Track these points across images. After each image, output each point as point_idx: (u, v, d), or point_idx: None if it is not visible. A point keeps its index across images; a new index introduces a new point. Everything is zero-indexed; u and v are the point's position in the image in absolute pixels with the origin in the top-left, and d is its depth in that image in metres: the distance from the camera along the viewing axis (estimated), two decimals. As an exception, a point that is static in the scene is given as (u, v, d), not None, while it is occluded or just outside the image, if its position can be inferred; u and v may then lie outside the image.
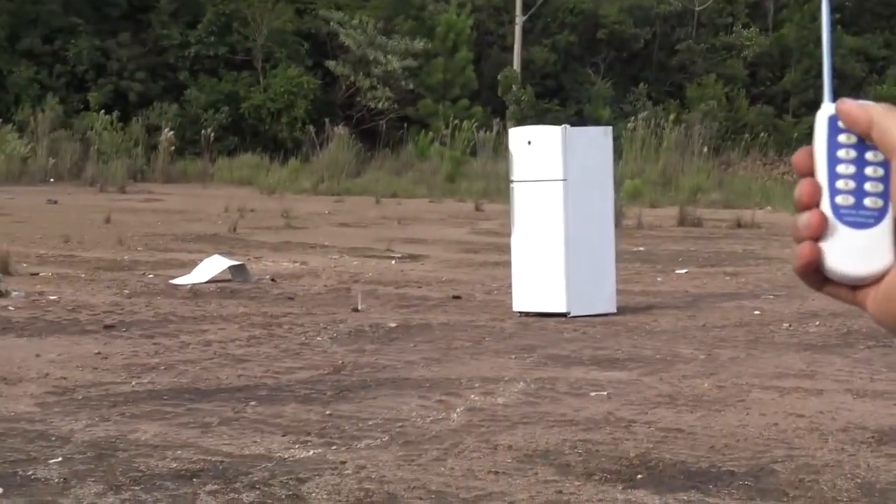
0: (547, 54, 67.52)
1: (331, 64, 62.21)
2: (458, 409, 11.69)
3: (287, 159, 54.25)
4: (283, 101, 59.93)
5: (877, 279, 1.53)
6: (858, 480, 9.54)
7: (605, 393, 12.49)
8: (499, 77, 62.94)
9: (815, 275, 1.56)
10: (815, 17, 68.96)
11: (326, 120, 56.19)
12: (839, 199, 1.52)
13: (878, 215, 1.53)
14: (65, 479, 9.28)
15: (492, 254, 25.16)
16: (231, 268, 21.42)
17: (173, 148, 52.60)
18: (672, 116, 57.24)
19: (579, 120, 50.99)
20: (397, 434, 10.69)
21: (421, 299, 19.70)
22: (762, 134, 61.86)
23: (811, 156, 1.56)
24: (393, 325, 16.97)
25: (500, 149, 43.28)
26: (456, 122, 56.12)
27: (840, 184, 1.52)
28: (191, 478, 9.32)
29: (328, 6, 64.69)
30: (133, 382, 12.76)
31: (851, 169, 1.52)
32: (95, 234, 28.28)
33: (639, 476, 9.56)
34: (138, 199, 40.38)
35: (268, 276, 21.94)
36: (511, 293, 18.55)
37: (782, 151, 61.10)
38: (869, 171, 1.51)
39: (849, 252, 1.54)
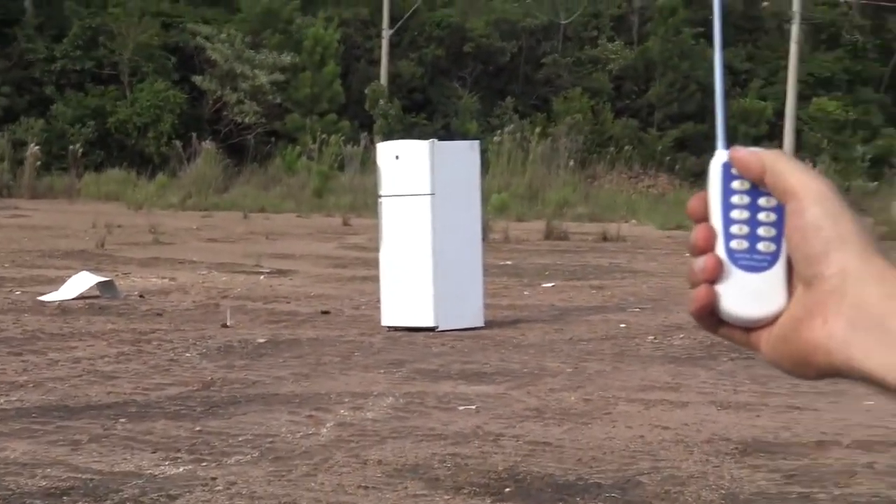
0: (414, 68, 67.56)
1: (197, 79, 61.89)
2: (327, 425, 11.71)
3: (154, 174, 53.92)
4: (149, 116, 59.55)
5: (770, 321, 1.55)
6: (723, 491, 9.65)
7: (474, 407, 12.54)
8: (366, 91, 62.95)
9: (711, 317, 1.57)
10: (679, 31, 69.99)
11: (193, 134, 55.92)
12: (734, 244, 1.55)
13: (772, 259, 1.55)
14: (-68, 499, 9.21)
15: (360, 268, 25.19)
16: (99, 284, 21.29)
17: (39, 163, 52.15)
18: (538, 130, 57.45)
19: (446, 134, 51.21)
20: (267, 450, 10.69)
21: (290, 314, 19.68)
22: (627, 147, 62.19)
23: (705, 202, 1.58)
24: (262, 340, 16.95)
25: (368, 163, 43.24)
26: (324, 136, 56.06)
27: (734, 229, 1.55)
28: (61, 496, 9.27)
29: (195, 20, 64.45)
30: (2, 400, 12.67)
31: (745, 214, 1.55)
32: (-40, 251, 28.01)
33: (507, 489, 9.62)
34: (4, 215, 39.92)
35: (136, 293, 21.83)
36: (379, 308, 18.58)
37: (647, 164, 61.58)
38: (762, 216, 1.54)
39: (743, 295, 1.56)
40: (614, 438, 11.30)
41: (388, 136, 41.94)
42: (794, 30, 60.20)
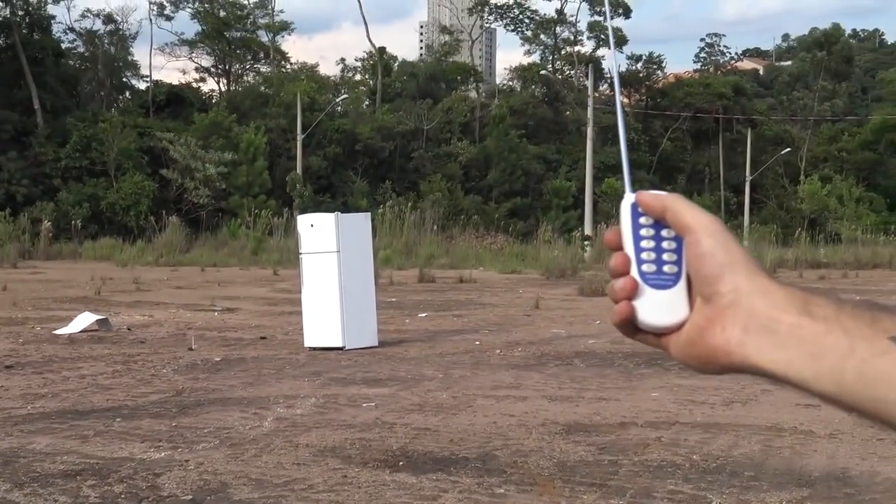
0: (320, 162, 67.70)
1: (164, 171, 61.68)
2: (268, 419, 11.55)
3: (136, 241, 53.60)
4: (131, 199, 59.33)
5: (677, 328, 1.51)
6: (555, 460, 9.60)
7: (374, 404, 12.42)
8: (287, 179, 62.88)
9: (629, 326, 1.53)
10: (508, 132, 70.84)
11: (163, 212, 55.66)
12: (644, 267, 1.51)
13: (675, 278, 1.51)
14: (-20, 482, 8.99)
15: (287, 306, 24.98)
16: (98, 321, 20.98)
17: (51, 235, 51.73)
18: (410, 204, 57.60)
19: (345, 208, 51.07)
20: (225, 438, 10.52)
21: (237, 340, 19.44)
22: (474, 216, 62.50)
23: (619, 234, 1.54)
24: (218, 359, 16.73)
25: (290, 230, 43.08)
26: (257, 211, 55.88)
27: (644, 255, 1.51)
28: (75, 476, 9.08)
29: (161, 129, 64.26)
30: (28, 407, 12.41)
31: (651, 244, 1.51)
32: (-6, 299, 27.56)
33: (400, 463, 9.52)
34: (27, 273, 39.35)
35: (125, 327, 21.49)
36: (302, 333, 18.43)
37: (489, 227, 61.96)
38: (665, 244, 1.51)
39: (655, 308, 1.52)
40: (475, 424, 11.22)
41: (304, 210, 41.80)
42: (589, 131, 60.71)
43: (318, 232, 18.59)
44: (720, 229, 1.51)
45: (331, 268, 18.34)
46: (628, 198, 1.56)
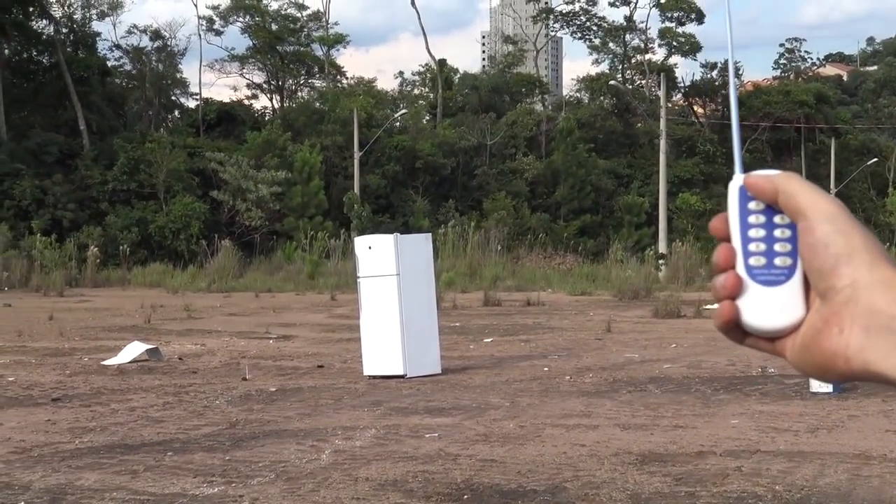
0: (379, 180, 67.85)
1: (215, 193, 62.07)
2: (326, 451, 11.60)
3: (186, 266, 54.01)
4: (181, 223, 59.73)
5: (792, 331, 1.41)
6: (628, 492, 9.58)
7: (437, 434, 12.44)
8: (344, 199, 63.11)
9: (736, 330, 1.42)
10: (576, 147, 70.71)
11: (215, 235, 56.10)
12: (752, 261, 1.40)
13: (788, 273, 1.41)
14: (27, 519, 9.09)
15: (345, 332, 25.05)
16: (148, 350, 21.13)
17: (98, 260, 52.19)
18: (473, 224, 57.69)
19: (405, 229, 51.23)
20: (281, 472, 10.57)
21: (293, 369, 19.53)
22: (541, 235, 62.43)
23: (726, 222, 1.43)
24: (273, 389, 16.81)
25: (348, 253, 43.25)
26: (313, 233, 56.13)
27: (752, 247, 1.41)
28: (125, 514, 9.17)
29: (212, 149, 64.69)
30: (76, 441, 12.52)
31: (762, 233, 1.40)
32: (42, 329, 27.82)
33: (465, 496, 9.53)
34: (74, 301, 39.72)
35: (176, 356, 21.65)
36: (361, 361, 18.48)
37: (557, 247, 61.89)
38: (777, 232, 1.40)
39: (763, 308, 1.41)
40: (544, 455, 11.21)
41: (362, 232, 41.94)
42: (662, 143, 60.51)
43: (376, 254, 18.64)
44: (841, 214, 1.40)
45: (390, 292, 18.38)
46: (736, 179, 1.46)
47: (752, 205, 1.42)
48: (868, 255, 1.36)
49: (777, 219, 1.41)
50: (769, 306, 1.40)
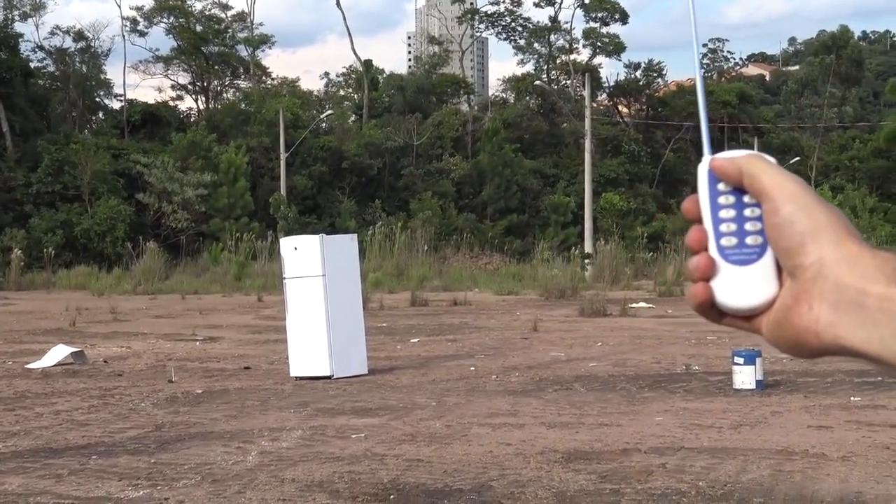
0: (305, 181, 67.71)
1: (141, 195, 61.65)
2: (252, 453, 11.56)
3: (112, 268, 53.55)
4: (106, 225, 59.30)
5: (766, 308, 1.41)
6: (554, 490, 9.62)
7: (363, 435, 12.44)
8: (270, 200, 62.89)
9: (712, 310, 1.42)
10: (501, 147, 70.95)
11: (140, 238, 55.56)
12: (723, 241, 1.41)
13: (760, 252, 1.41)
14: (-52, 525, 8.99)
15: (272, 333, 24.96)
16: (72, 353, 20.96)
17: (22, 263, 51.62)
18: (401, 224, 57.59)
19: (332, 230, 51.15)
20: (207, 474, 10.52)
21: (220, 371, 19.45)
22: (468, 235, 62.49)
23: (697, 203, 1.44)
24: (199, 391, 16.74)
25: (275, 254, 43.12)
26: (239, 234, 55.79)
27: (723, 227, 1.41)
28: (48, 519, 9.10)
29: (137, 151, 64.30)
30: (0, 446, 12.42)
31: (732, 213, 1.40)
32: (-37, 333, 27.54)
33: (391, 496, 9.53)
34: (-4, 304, 39.35)
35: (101, 359, 21.49)
36: (288, 363, 18.43)
37: (483, 247, 61.99)
38: (747, 212, 1.40)
39: (737, 287, 1.41)
40: (470, 454, 11.24)
41: (288, 233, 41.75)
42: (587, 143, 60.77)
43: (302, 255, 18.61)
44: (804, 193, 1.40)
45: (317, 293, 18.35)
46: (706, 161, 1.46)
47: (721, 186, 1.42)
48: (833, 232, 1.36)
49: (746, 198, 1.41)
50: (742, 285, 1.41)
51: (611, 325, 27.04)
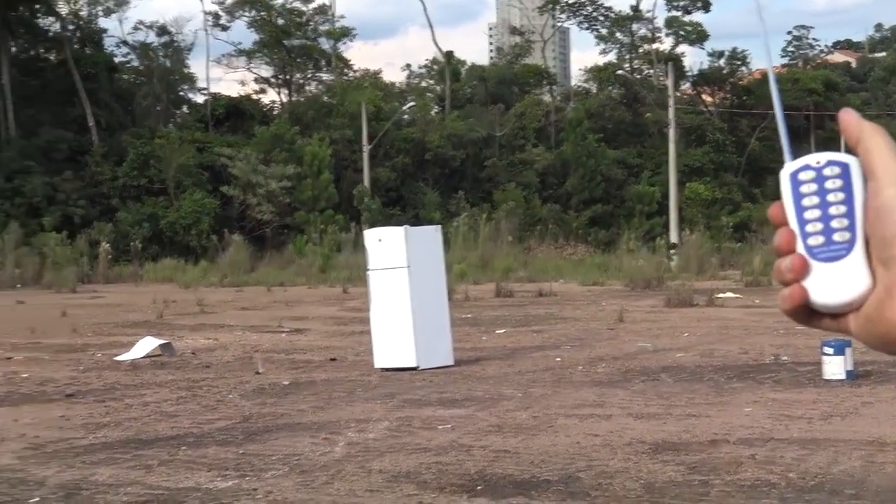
0: (389, 173, 67.88)
1: (225, 188, 62.11)
2: (339, 444, 11.62)
3: (198, 261, 54.08)
4: (191, 218, 59.84)
5: (859, 304, 1.36)
6: (642, 481, 9.59)
7: (450, 426, 12.45)
8: (354, 192, 63.14)
9: (803, 310, 1.38)
10: (585, 137, 70.62)
11: (225, 230, 56.18)
12: (811, 241, 1.38)
13: (848, 246, 1.38)
14: (42, 516, 9.13)
15: (357, 325, 25.02)
16: (160, 345, 21.18)
17: (110, 256, 52.28)
18: (485, 215, 57.70)
19: (416, 221, 51.23)
20: (294, 465, 10.59)
21: (306, 362, 19.55)
22: (552, 225, 62.42)
23: (782, 208, 1.41)
24: (286, 383, 16.84)
25: (358, 245, 43.34)
26: (323, 227, 56.15)
27: (809, 227, 1.39)
28: (140, 509, 9.21)
29: (221, 144, 64.74)
30: (90, 437, 12.56)
31: (817, 213, 1.38)
32: (55, 325, 27.88)
33: (478, 487, 9.54)
34: (86, 297, 39.83)
35: (189, 351, 21.69)
36: (373, 354, 18.49)
37: (568, 237, 61.81)
38: (832, 209, 1.38)
39: (830, 284, 1.38)
40: (557, 445, 11.22)
41: (372, 225, 41.95)
42: (671, 133, 60.41)
43: (386, 247, 18.64)
44: None
45: (401, 284, 18.38)
46: (788, 167, 1.46)
47: (803, 188, 1.41)
48: None
49: (830, 197, 1.39)
50: (835, 282, 1.39)
51: (697, 316, 26.85)
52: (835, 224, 1.38)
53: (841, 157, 1.41)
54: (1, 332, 26.26)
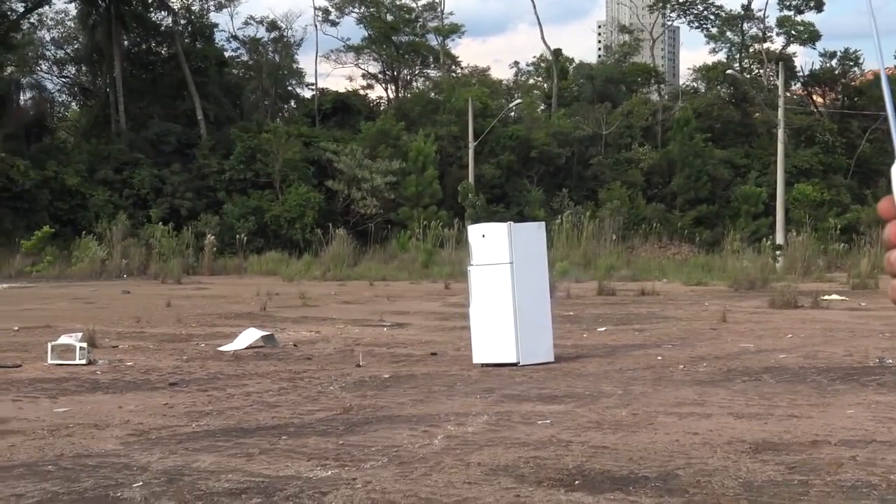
0: (493, 170, 67.83)
1: (330, 182, 62.49)
2: (438, 437, 11.67)
3: (301, 255, 54.51)
4: (296, 212, 60.26)
5: None
6: (741, 480, 9.53)
7: (549, 421, 12.46)
8: (458, 188, 63.24)
9: None
10: (692, 136, 70.08)
11: (329, 224, 56.45)
12: None
13: None
14: (145, 498, 9.24)
15: (459, 320, 25.04)
16: (263, 337, 21.38)
17: (215, 249, 52.82)
18: (588, 213, 57.59)
19: (520, 218, 51.12)
20: (394, 457, 10.66)
21: (406, 356, 19.66)
22: (656, 224, 62.07)
23: (892, 203, 1.46)
24: (387, 376, 16.94)
25: (461, 242, 43.38)
26: (427, 222, 56.29)
27: None
28: (240, 494, 9.29)
29: (327, 139, 65.08)
30: (193, 425, 12.73)
31: None
32: (159, 315, 28.27)
33: (576, 482, 9.54)
34: (191, 288, 40.33)
35: (291, 343, 21.87)
36: (473, 349, 18.51)
37: (672, 237, 61.40)
38: None
39: None
40: (656, 442, 11.19)
41: (476, 221, 42.00)
42: (780, 133, 59.77)
43: (490, 243, 18.67)
44: None
45: (504, 280, 18.39)
46: None
47: None
48: None
49: None
50: None
51: (802, 317, 26.59)
52: None
53: None
54: (107, 320, 26.67)
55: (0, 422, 13.18)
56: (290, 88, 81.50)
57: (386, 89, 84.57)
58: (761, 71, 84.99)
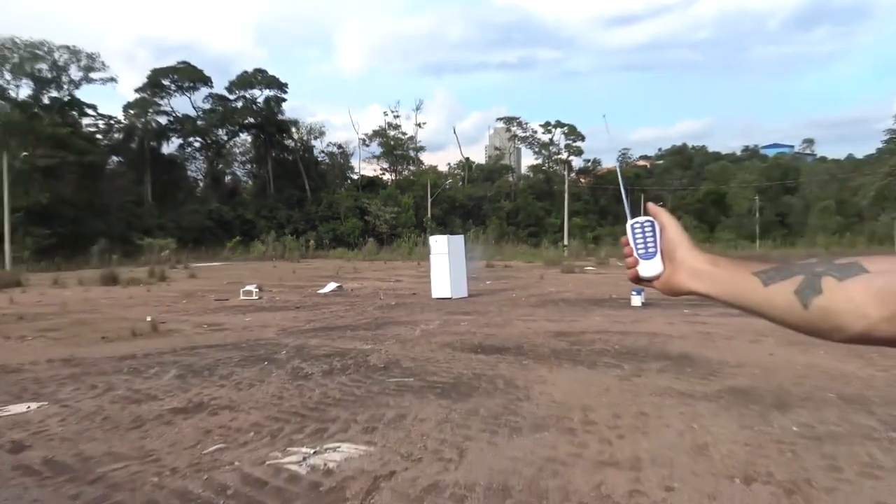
0: (440, 212, 65.51)
1: (367, 217, 60.24)
2: (417, 330, 11.50)
3: (352, 249, 51.63)
4: (350, 230, 57.77)
5: (658, 277, 1.46)
6: (550, 348, 9.45)
7: (465, 323, 12.12)
8: (423, 220, 60.53)
9: (635, 280, 1.54)
10: (527, 198, 68.09)
11: (365, 235, 54.67)
12: (639, 251, 1.50)
13: (654, 253, 1.48)
14: (287, 359, 9.22)
15: (426, 279, 23.98)
16: (337, 286, 21.10)
17: (314, 246, 51.40)
18: (482, 231, 55.76)
19: (452, 233, 49.22)
20: (397, 339, 10.55)
21: (402, 295, 19.11)
22: (510, 235, 59.96)
23: (627, 241, 1.53)
24: (393, 303, 16.56)
25: (426, 244, 40.73)
26: (410, 235, 53.80)
27: (639, 246, 1.51)
28: (329, 356, 9.22)
29: (364, 197, 62.34)
30: (307, 325, 12.56)
31: (640, 240, 1.51)
32: (290, 277, 27.78)
33: (478, 351, 9.37)
34: (303, 265, 39.39)
35: (350, 289, 21.53)
36: (426, 291, 17.82)
37: (517, 242, 58.71)
38: (648, 239, 1.50)
39: (647, 269, 1.48)
40: (513, 333, 10.99)
41: (433, 234, 39.00)
42: (566, 196, 58.79)
43: (438, 244, 17.77)
44: (677, 226, 1.48)
45: (444, 260, 17.49)
46: (630, 221, 1.50)
47: (636, 231, 1.49)
48: (688, 245, 1.47)
49: (647, 233, 1.48)
50: (649, 268, 1.47)
51: (576, 277, 25.93)
52: (650, 244, 1.48)
53: (649, 217, 1.51)
54: (266, 279, 26.35)
55: (219, 324, 13.04)
56: (346, 174, 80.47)
57: (391, 174, 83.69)
58: (557, 167, 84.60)
